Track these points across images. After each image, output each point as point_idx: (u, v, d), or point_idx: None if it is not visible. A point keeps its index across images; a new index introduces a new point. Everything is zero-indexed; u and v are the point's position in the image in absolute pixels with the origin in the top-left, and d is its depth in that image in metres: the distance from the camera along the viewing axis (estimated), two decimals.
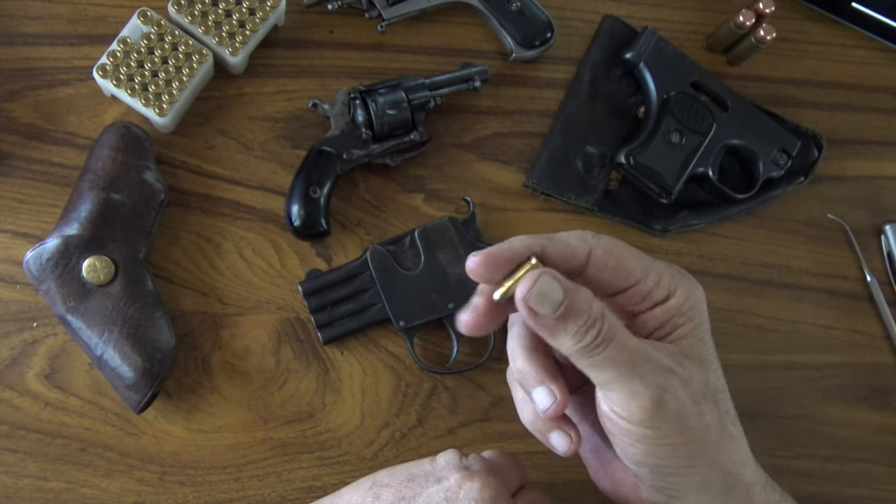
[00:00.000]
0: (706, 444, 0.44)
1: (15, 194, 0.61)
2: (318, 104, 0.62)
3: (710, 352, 0.46)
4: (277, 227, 0.63)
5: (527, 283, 0.41)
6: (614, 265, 0.44)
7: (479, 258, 0.42)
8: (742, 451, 0.46)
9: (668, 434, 0.43)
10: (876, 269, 0.68)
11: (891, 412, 0.66)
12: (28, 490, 0.57)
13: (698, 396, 0.43)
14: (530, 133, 0.67)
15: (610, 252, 0.44)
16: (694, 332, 0.45)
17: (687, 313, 0.45)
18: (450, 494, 0.44)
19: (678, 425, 0.43)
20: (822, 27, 0.71)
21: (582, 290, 0.42)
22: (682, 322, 0.45)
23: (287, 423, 0.60)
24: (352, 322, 0.61)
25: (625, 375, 0.42)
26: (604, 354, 0.41)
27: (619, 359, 0.41)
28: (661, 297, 0.45)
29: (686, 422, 0.43)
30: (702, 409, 0.43)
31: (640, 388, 0.42)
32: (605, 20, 0.68)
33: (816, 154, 0.68)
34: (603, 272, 0.44)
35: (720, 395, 0.46)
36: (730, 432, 0.46)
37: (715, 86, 0.66)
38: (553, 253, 0.43)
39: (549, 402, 0.44)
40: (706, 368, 0.45)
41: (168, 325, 0.58)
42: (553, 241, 0.44)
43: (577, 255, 0.44)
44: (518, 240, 0.43)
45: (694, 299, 0.45)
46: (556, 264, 0.43)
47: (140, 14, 0.60)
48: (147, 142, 0.60)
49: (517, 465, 0.49)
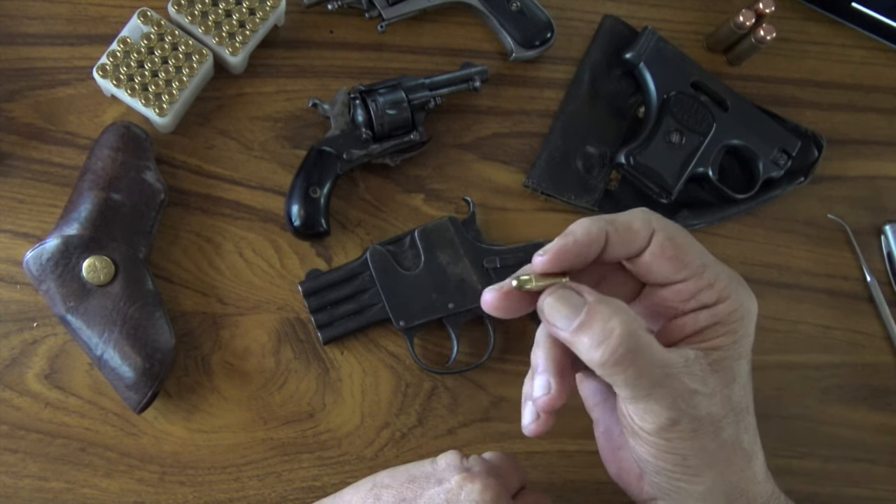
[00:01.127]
0: (716, 460, 0.43)
1: (15, 194, 0.61)
2: (318, 104, 0.62)
3: (744, 368, 0.44)
4: (277, 227, 0.63)
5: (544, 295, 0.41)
6: (671, 254, 0.42)
7: (547, 258, 0.42)
8: (753, 467, 0.45)
9: (678, 447, 0.43)
10: (876, 269, 0.68)
11: (891, 412, 0.66)
12: (28, 490, 0.57)
13: (718, 415, 0.43)
14: (530, 133, 0.67)
15: (671, 240, 0.43)
16: (732, 346, 0.43)
17: (731, 325, 0.43)
18: (451, 496, 0.44)
19: (691, 442, 0.42)
20: (822, 27, 0.71)
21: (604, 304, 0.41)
22: (722, 332, 0.43)
23: (287, 423, 0.60)
24: (352, 322, 0.61)
25: (641, 397, 0.41)
26: (623, 376, 0.41)
27: (638, 382, 0.41)
28: (710, 300, 0.43)
29: (700, 440, 0.42)
30: (720, 427, 0.43)
31: (656, 407, 0.41)
32: (605, 20, 0.68)
33: (816, 154, 0.68)
34: (659, 259, 0.43)
35: (743, 413, 0.44)
36: (744, 449, 0.45)
37: (715, 86, 0.66)
38: (616, 241, 0.42)
39: (542, 393, 0.44)
40: (732, 386, 0.43)
41: (168, 325, 0.58)
42: (616, 226, 0.42)
43: (639, 241, 0.43)
44: (583, 230, 0.42)
45: (744, 311, 0.43)
46: (618, 252, 0.42)
47: (140, 14, 0.60)
48: (147, 142, 0.60)
49: (518, 467, 0.49)
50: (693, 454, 0.43)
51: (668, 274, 0.43)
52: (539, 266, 0.42)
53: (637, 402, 0.42)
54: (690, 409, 0.41)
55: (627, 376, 0.40)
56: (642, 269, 0.44)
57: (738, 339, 0.43)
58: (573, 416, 0.62)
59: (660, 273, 0.43)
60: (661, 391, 0.41)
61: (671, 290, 0.44)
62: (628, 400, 0.42)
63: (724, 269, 0.44)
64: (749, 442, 0.45)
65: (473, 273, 0.61)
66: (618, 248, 0.43)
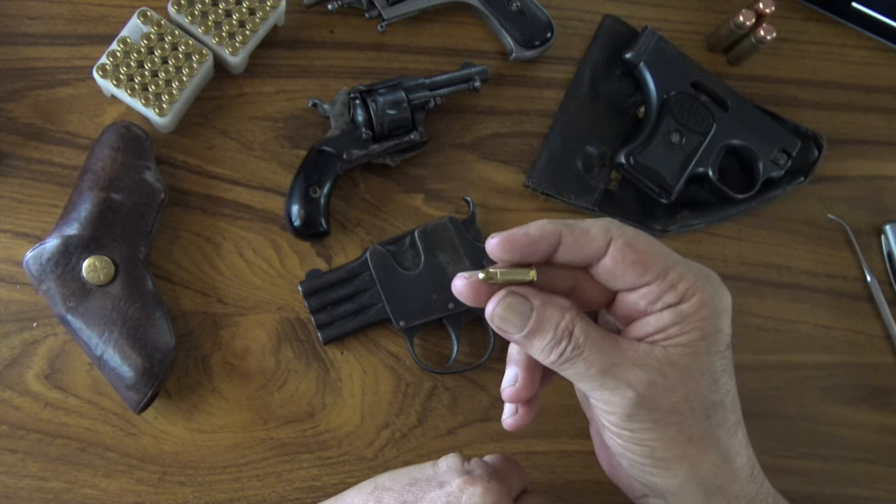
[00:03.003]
0: (685, 453, 0.44)
1: (15, 194, 0.61)
2: (318, 104, 0.62)
3: (716, 364, 0.44)
4: (277, 227, 0.63)
5: (491, 304, 0.43)
6: (632, 259, 0.43)
7: (497, 240, 0.43)
8: (732, 463, 0.45)
9: (643, 438, 0.44)
10: (876, 269, 0.68)
11: (891, 412, 0.66)
12: (28, 490, 0.57)
13: (682, 407, 0.43)
14: (530, 133, 0.67)
15: (630, 245, 0.43)
16: (696, 343, 0.43)
17: (696, 322, 0.43)
18: (452, 499, 0.44)
19: (654, 432, 0.43)
20: (822, 27, 0.71)
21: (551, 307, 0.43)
22: (687, 329, 0.43)
23: (287, 423, 0.60)
24: (352, 322, 0.61)
25: (595, 388, 0.43)
26: (572, 370, 0.43)
27: (588, 374, 0.43)
28: (674, 300, 0.44)
29: (664, 430, 0.43)
30: (684, 419, 0.43)
31: (611, 398, 0.43)
32: (605, 20, 0.68)
33: (816, 154, 0.68)
34: (620, 265, 0.43)
35: (714, 408, 0.44)
36: (720, 445, 0.45)
37: (715, 86, 0.66)
38: (570, 242, 0.43)
39: (509, 384, 0.47)
40: (699, 380, 0.44)
41: (168, 325, 0.58)
42: (573, 229, 0.43)
43: (595, 246, 0.43)
44: (536, 225, 0.43)
45: (710, 308, 0.44)
46: (572, 254, 0.44)
47: (140, 14, 0.60)
48: (147, 142, 0.60)
49: (519, 470, 0.49)
50: (660, 446, 0.44)
51: (631, 279, 0.44)
52: (490, 249, 0.44)
53: (594, 393, 0.44)
54: (647, 398, 0.43)
55: (577, 370, 0.43)
56: (607, 276, 0.44)
57: (704, 336, 0.44)
58: (573, 416, 0.62)
59: (624, 279, 0.44)
60: (611, 381, 0.43)
61: (637, 293, 0.44)
62: (588, 393, 0.44)
63: (690, 267, 0.45)
64: (725, 438, 0.45)
65: None
66: (571, 250, 0.43)
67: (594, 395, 0.44)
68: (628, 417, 0.43)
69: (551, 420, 0.62)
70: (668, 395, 0.43)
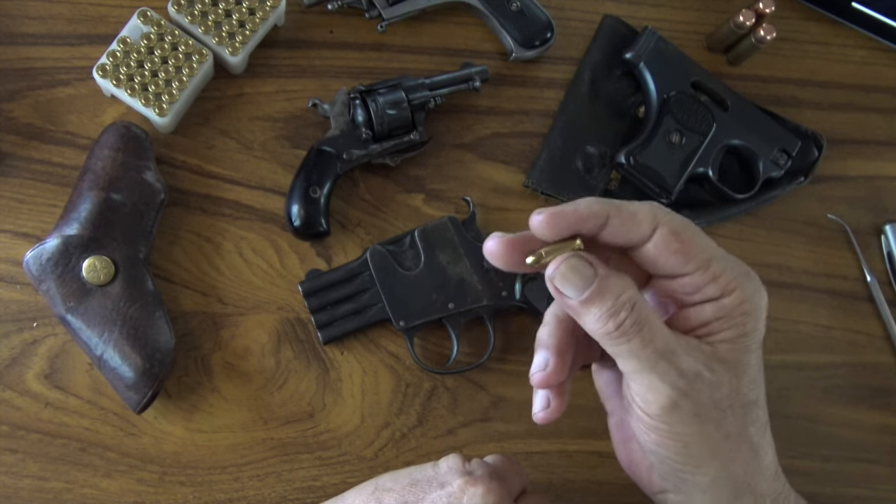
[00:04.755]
0: (719, 450, 0.44)
1: (15, 194, 0.61)
2: (318, 104, 0.62)
3: (753, 362, 0.44)
4: (277, 227, 0.63)
5: (555, 264, 0.42)
6: (676, 248, 0.43)
7: (544, 216, 0.42)
8: (760, 462, 0.45)
9: (680, 433, 0.43)
10: (876, 269, 0.68)
11: (891, 412, 0.66)
12: (28, 490, 0.57)
13: (723, 404, 0.43)
14: (530, 133, 0.67)
15: (676, 234, 0.43)
16: (739, 339, 0.43)
17: (738, 318, 0.43)
18: (453, 500, 0.44)
19: (694, 427, 0.43)
20: (822, 27, 0.71)
21: (614, 277, 0.41)
22: (728, 325, 0.43)
23: (287, 423, 0.60)
24: (352, 322, 0.61)
25: (646, 370, 0.42)
26: (627, 346, 0.41)
27: (643, 353, 0.41)
28: (715, 294, 0.43)
29: (703, 426, 0.43)
30: (724, 416, 0.43)
31: (659, 385, 0.42)
32: (605, 20, 0.68)
33: (816, 154, 0.68)
34: (664, 252, 0.43)
35: (750, 406, 0.44)
36: (752, 443, 0.45)
37: (715, 86, 0.66)
38: (617, 224, 0.43)
39: (538, 368, 0.45)
40: (741, 378, 0.43)
41: (168, 325, 0.58)
42: (621, 210, 0.43)
43: (641, 231, 0.43)
44: (585, 203, 0.43)
45: (751, 305, 0.43)
46: (617, 235, 0.43)
47: (140, 14, 0.60)
48: (147, 142, 0.60)
49: (520, 470, 0.49)
50: (695, 441, 0.43)
51: (672, 267, 0.43)
52: (534, 225, 0.43)
53: (641, 375, 0.42)
54: (693, 391, 0.42)
55: (632, 346, 0.41)
56: (647, 261, 0.44)
57: (746, 332, 0.43)
58: (573, 416, 0.62)
59: (665, 266, 0.44)
60: (664, 365, 0.41)
61: (677, 282, 0.44)
62: (632, 374, 0.43)
63: (732, 262, 0.44)
64: (757, 436, 0.45)
65: (473, 273, 0.61)
66: (617, 231, 0.43)
67: (639, 378, 0.42)
68: (671, 409, 0.42)
69: None
70: (713, 390, 0.42)
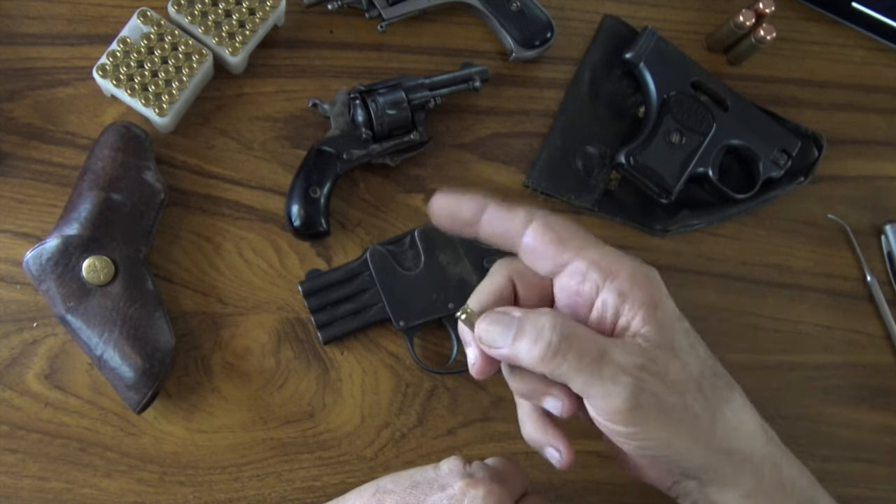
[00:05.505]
0: (698, 431, 0.44)
1: (15, 194, 0.61)
2: (318, 104, 0.62)
3: (680, 336, 0.45)
4: (277, 227, 0.63)
5: (479, 322, 0.45)
6: (550, 238, 0.45)
7: (434, 199, 0.46)
8: (742, 431, 0.46)
9: (655, 430, 0.43)
10: (876, 269, 0.68)
11: (891, 412, 0.66)
12: (28, 490, 0.57)
13: (679, 387, 0.43)
14: (530, 133, 0.67)
15: (549, 226, 0.45)
16: (652, 320, 0.44)
17: (640, 297, 0.44)
18: (454, 502, 0.44)
19: (663, 420, 0.43)
20: (822, 27, 0.71)
21: (531, 312, 0.44)
22: (635, 308, 0.44)
23: (287, 423, 0.60)
24: (352, 322, 0.61)
25: (595, 379, 0.42)
26: (567, 364, 0.42)
27: (582, 364, 0.42)
28: (601, 278, 0.44)
29: (670, 414, 0.43)
30: (685, 398, 0.43)
31: (612, 389, 0.42)
32: (605, 20, 0.68)
33: (816, 154, 0.68)
34: (540, 244, 0.45)
35: (703, 379, 0.45)
36: (724, 415, 0.45)
37: (715, 86, 0.66)
38: (494, 213, 0.45)
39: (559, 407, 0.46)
40: (680, 355, 0.44)
41: (168, 325, 0.58)
42: (499, 204, 0.46)
43: (516, 221, 0.45)
44: (467, 203, 0.46)
45: (643, 276, 0.44)
46: (495, 225, 0.45)
47: (140, 14, 0.60)
48: (147, 142, 0.60)
49: (520, 472, 0.49)
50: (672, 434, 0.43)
51: (552, 256, 0.45)
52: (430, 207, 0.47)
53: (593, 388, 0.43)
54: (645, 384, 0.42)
55: (570, 363, 0.42)
56: (533, 258, 0.46)
57: (655, 306, 0.44)
58: None
59: (545, 257, 0.45)
60: (608, 369, 0.42)
61: (566, 275, 0.45)
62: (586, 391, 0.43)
63: (607, 249, 0.45)
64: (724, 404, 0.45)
65: (473, 273, 0.61)
66: (495, 220, 0.45)
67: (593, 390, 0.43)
68: (634, 409, 0.42)
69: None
70: (663, 377, 0.43)
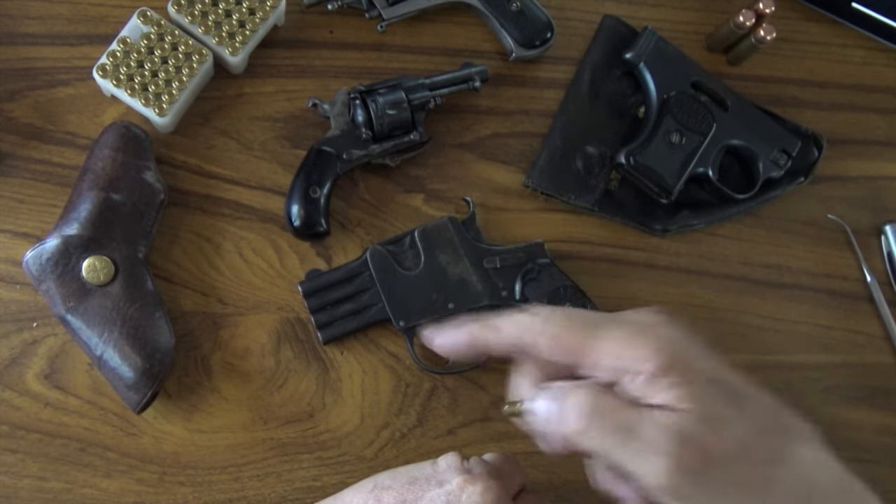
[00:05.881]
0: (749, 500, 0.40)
1: (15, 194, 0.61)
2: (318, 104, 0.62)
3: (719, 402, 0.40)
4: (277, 227, 0.63)
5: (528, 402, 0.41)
6: (561, 349, 0.40)
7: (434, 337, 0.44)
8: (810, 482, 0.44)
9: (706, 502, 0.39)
10: (876, 269, 0.68)
11: (891, 412, 0.66)
12: (28, 490, 0.57)
13: (722, 457, 0.39)
14: (530, 133, 0.67)
15: (554, 336, 0.40)
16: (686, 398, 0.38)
17: (667, 381, 0.38)
18: (451, 498, 0.44)
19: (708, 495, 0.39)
20: (822, 27, 0.71)
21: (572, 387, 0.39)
22: (664, 392, 0.38)
23: (287, 424, 0.60)
24: (352, 322, 0.61)
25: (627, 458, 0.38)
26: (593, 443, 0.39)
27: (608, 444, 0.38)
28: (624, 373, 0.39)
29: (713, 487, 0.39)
30: (728, 468, 0.39)
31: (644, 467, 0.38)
32: (605, 20, 0.68)
33: (816, 154, 0.68)
34: (553, 356, 0.41)
35: (754, 442, 0.41)
36: (781, 476, 0.42)
37: (715, 86, 0.66)
38: (496, 346, 0.42)
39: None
40: (721, 423, 0.40)
41: (168, 325, 0.58)
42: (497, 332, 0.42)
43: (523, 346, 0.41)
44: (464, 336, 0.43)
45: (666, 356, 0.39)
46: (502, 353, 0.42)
47: (140, 14, 0.60)
48: (147, 142, 0.60)
49: (518, 468, 0.49)
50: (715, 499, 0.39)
51: (572, 363, 0.40)
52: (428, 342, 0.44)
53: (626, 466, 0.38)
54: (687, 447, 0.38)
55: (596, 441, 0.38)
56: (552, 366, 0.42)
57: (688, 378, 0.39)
58: None
59: (565, 363, 0.41)
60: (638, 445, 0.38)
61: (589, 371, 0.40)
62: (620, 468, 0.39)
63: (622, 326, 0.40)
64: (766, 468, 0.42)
65: (473, 273, 0.61)
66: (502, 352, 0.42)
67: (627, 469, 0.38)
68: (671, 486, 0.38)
69: None
70: (701, 450, 0.38)
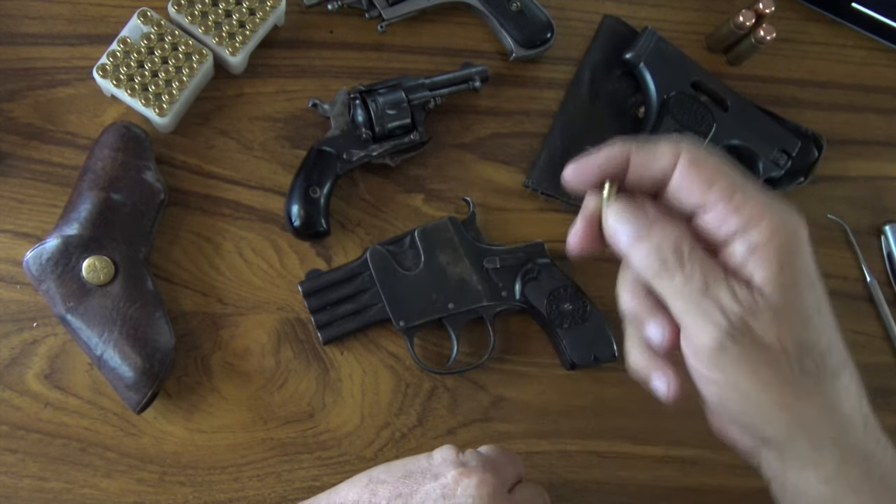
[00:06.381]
0: (785, 399, 0.41)
1: (15, 194, 0.61)
2: (318, 104, 0.62)
3: (808, 303, 0.41)
4: (277, 227, 0.63)
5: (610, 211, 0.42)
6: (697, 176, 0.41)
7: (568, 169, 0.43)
8: (835, 411, 0.42)
9: (737, 382, 0.40)
10: (876, 269, 0.68)
11: (891, 412, 0.66)
12: (28, 490, 0.57)
13: (776, 349, 0.40)
14: (530, 133, 0.67)
15: (696, 160, 0.41)
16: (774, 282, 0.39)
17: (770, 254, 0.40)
18: (447, 491, 0.44)
19: (748, 376, 0.40)
20: (822, 27, 0.71)
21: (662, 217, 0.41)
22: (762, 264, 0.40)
23: (287, 424, 0.60)
24: (352, 322, 0.61)
25: (693, 308, 0.40)
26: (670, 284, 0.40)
27: (685, 289, 0.40)
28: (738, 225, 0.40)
29: (757, 373, 0.40)
30: (779, 362, 0.40)
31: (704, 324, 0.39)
32: (605, 20, 0.68)
33: (816, 154, 0.67)
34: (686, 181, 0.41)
35: (811, 351, 0.41)
36: (820, 391, 0.41)
37: (715, 86, 0.66)
38: (638, 161, 0.42)
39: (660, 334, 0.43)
40: (790, 318, 0.40)
41: (168, 325, 0.58)
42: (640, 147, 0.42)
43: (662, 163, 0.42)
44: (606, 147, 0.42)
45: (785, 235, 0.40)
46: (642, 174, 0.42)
47: (140, 14, 0.60)
48: (147, 142, 0.60)
49: (514, 460, 0.49)
50: (754, 389, 0.40)
51: (696, 197, 0.42)
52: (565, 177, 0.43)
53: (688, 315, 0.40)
54: (739, 332, 0.39)
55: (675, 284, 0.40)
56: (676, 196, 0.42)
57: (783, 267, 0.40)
58: (574, 416, 0.62)
59: (689, 197, 0.42)
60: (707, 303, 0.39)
61: (707, 217, 0.42)
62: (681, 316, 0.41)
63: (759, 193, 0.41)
64: (825, 382, 0.42)
65: (473, 273, 0.61)
66: (640, 168, 0.42)
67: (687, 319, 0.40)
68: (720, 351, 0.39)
69: (552, 420, 0.62)
70: (760, 336, 0.39)
